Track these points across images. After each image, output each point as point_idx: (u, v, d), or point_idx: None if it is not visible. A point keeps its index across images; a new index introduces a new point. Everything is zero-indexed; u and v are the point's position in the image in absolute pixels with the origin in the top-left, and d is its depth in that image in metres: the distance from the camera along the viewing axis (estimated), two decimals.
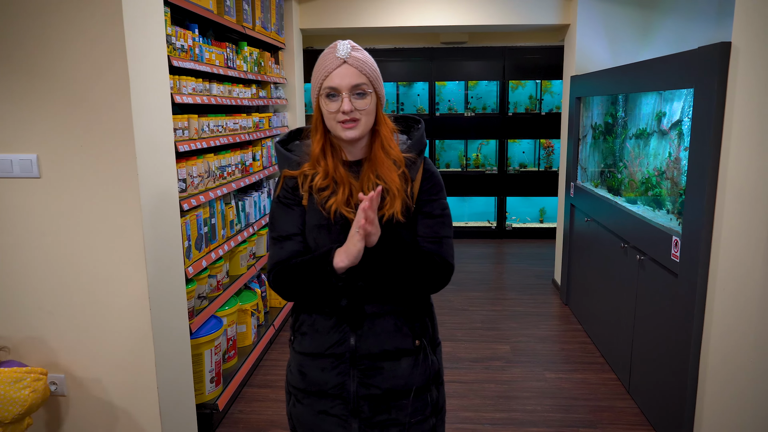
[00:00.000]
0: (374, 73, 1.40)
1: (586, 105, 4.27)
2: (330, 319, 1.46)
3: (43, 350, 2.11)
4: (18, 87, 1.94)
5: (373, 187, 1.40)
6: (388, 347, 1.45)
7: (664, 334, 2.64)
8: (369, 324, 1.44)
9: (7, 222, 2.04)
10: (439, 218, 1.48)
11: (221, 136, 3.13)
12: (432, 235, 1.47)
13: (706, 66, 2.23)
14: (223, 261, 3.18)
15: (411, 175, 1.45)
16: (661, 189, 2.93)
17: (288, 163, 1.48)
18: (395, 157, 1.43)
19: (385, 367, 1.45)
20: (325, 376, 1.46)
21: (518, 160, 6.99)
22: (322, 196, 1.42)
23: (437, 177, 1.51)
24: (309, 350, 1.49)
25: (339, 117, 1.36)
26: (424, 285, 1.47)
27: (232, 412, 2.98)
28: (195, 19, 3.07)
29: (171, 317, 2.26)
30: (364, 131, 1.40)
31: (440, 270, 1.45)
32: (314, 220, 1.44)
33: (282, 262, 1.45)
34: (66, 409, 2.16)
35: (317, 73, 1.40)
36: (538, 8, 4.81)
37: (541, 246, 6.41)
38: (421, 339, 1.50)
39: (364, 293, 1.44)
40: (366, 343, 1.44)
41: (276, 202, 1.50)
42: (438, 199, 1.49)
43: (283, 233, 1.47)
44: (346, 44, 1.38)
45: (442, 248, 1.47)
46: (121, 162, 1.97)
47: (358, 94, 1.37)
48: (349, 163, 1.46)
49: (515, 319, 4.26)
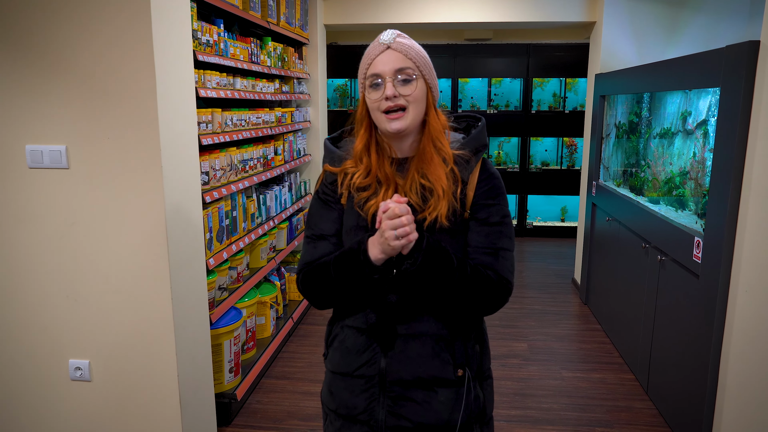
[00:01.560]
0: (422, 58, 1.28)
1: (611, 103, 4.22)
2: (361, 336, 1.31)
3: (68, 336, 2.18)
4: (47, 80, 1.99)
5: (416, 188, 1.26)
6: (423, 375, 1.27)
7: (684, 335, 2.61)
8: (401, 346, 1.27)
9: (37, 211, 2.10)
10: (497, 226, 1.29)
11: (244, 130, 3.18)
12: (488, 245, 1.28)
13: (733, 65, 2.19)
14: (243, 253, 3.22)
15: (462, 176, 1.29)
16: (684, 189, 2.89)
17: (331, 158, 1.36)
18: (445, 153, 1.29)
19: (418, 398, 1.27)
20: (354, 400, 1.31)
21: (540, 158, 6.94)
22: (361, 197, 1.29)
23: (497, 179, 1.33)
24: (338, 369, 1.35)
25: (383, 105, 1.24)
26: (473, 304, 1.28)
27: (250, 402, 3.03)
28: (220, 14, 3.11)
29: (192, 307, 2.31)
30: (411, 123, 1.26)
31: (494, 288, 1.26)
32: (352, 221, 1.31)
33: (312, 262, 1.32)
34: (90, 395, 2.22)
35: (362, 65, 1.29)
36: (563, 5, 4.77)
37: (561, 245, 6.36)
38: (464, 369, 1.29)
39: (396, 309, 1.27)
40: (397, 368, 1.27)
41: (315, 199, 1.38)
42: (497, 205, 1.30)
43: (318, 232, 1.35)
44: (391, 31, 1.28)
45: (498, 262, 1.28)
46: (145, 154, 2.02)
47: (404, 80, 1.24)
48: (398, 161, 1.32)
49: (533, 318, 4.24)
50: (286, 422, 2.85)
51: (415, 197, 1.25)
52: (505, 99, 6.84)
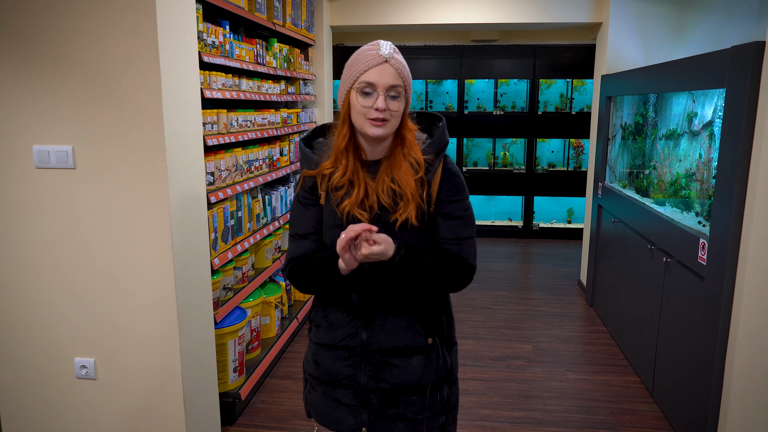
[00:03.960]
0: (408, 78, 1.42)
1: (617, 105, 4.21)
2: (343, 313, 1.49)
3: (74, 335, 2.20)
4: (54, 80, 2.01)
5: (388, 190, 1.41)
6: (399, 344, 1.46)
7: (689, 338, 2.60)
8: (381, 320, 1.46)
9: (44, 211, 2.12)
10: (459, 219, 1.46)
11: (249, 131, 3.19)
12: (453, 237, 1.46)
13: (739, 66, 2.18)
14: (248, 253, 3.24)
15: (427, 178, 1.44)
16: (690, 191, 2.87)
17: (307, 163, 1.50)
18: (415, 159, 1.43)
19: (396, 363, 1.47)
20: (338, 367, 1.50)
21: (547, 159, 6.92)
22: (337, 196, 1.44)
23: (458, 176, 1.49)
24: (323, 341, 1.52)
25: (371, 114, 1.36)
26: (443, 288, 1.49)
27: (254, 401, 3.04)
28: (226, 15, 3.13)
29: (196, 307, 2.32)
30: (390, 131, 1.40)
31: (460, 272, 1.46)
32: (330, 220, 1.46)
33: (296, 258, 1.50)
34: (95, 393, 2.24)
35: (353, 67, 1.40)
36: (570, 6, 4.76)
37: (568, 246, 6.34)
38: (434, 337, 1.50)
39: (376, 291, 1.45)
40: (377, 339, 1.46)
41: (295, 201, 1.53)
42: (459, 200, 1.47)
43: (300, 232, 1.51)
44: (389, 45, 1.39)
45: (463, 249, 1.46)
46: (151, 154, 2.03)
47: (393, 96, 1.37)
48: (368, 163, 1.46)
49: (539, 319, 4.23)
50: (290, 422, 2.86)
51: (387, 199, 1.41)
52: (511, 100, 6.83)
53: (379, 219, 1.42)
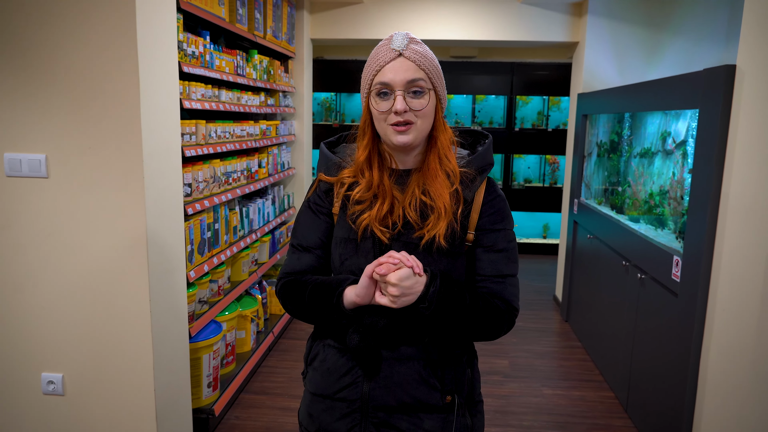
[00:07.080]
0: (434, 69, 1.21)
1: (593, 122, 4.29)
2: (343, 357, 1.24)
3: (42, 349, 2.13)
4: (29, 87, 1.97)
5: (417, 204, 1.20)
6: (408, 400, 1.20)
7: (663, 354, 2.63)
8: (387, 370, 1.20)
9: (14, 220, 2.06)
10: (504, 252, 1.25)
11: (228, 143, 3.16)
12: (495, 273, 1.23)
13: (711, 88, 2.24)
14: (225, 266, 3.19)
15: (465, 196, 1.22)
16: (664, 208, 2.93)
17: (326, 166, 1.30)
18: (451, 169, 1.22)
19: (403, 426, 1.20)
20: (335, 424, 1.24)
21: (523, 175, 7.00)
22: (356, 209, 1.23)
23: (503, 201, 1.28)
24: (318, 390, 1.28)
25: (391, 119, 1.17)
26: (478, 335, 1.23)
27: (228, 417, 2.98)
28: (207, 26, 3.11)
29: (171, 320, 2.27)
30: (418, 137, 1.19)
31: (503, 317, 1.22)
32: (342, 232, 1.25)
33: (294, 273, 1.29)
34: (63, 409, 2.17)
35: (367, 68, 1.21)
36: (547, 25, 4.84)
37: (543, 262, 6.40)
38: (453, 395, 1.22)
39: (383, 333, 1.19)
40: (381, 393, 1.20)
41: (304, 207, 1.32)
42: (503, 229, 1.26)
43: (303, 243, 1.30)
44: (402, 35, 1.18)
45: (506, 289, 1.23)
46: (127, 164, 2.00)
47: (414, 92, 1.17)
48: (397, 173, 1.26)
49: (515, 335, 4.25)
50: None
51: (413, 214, 1.20)
52: (488, 116, 6.91)
53: (398, 237, 1.21)
